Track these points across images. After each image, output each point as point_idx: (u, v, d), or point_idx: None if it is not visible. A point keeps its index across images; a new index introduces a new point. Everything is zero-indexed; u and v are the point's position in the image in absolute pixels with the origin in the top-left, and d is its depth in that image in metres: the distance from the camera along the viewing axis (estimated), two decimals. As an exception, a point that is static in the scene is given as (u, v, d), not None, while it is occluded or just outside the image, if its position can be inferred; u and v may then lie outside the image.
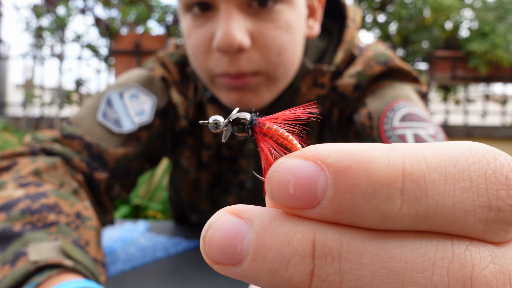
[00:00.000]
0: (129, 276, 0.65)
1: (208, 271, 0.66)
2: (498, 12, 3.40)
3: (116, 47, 3.73)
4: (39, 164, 0.57)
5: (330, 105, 0.67)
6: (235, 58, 0.59)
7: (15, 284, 0.39)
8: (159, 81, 0.72)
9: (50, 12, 3.83)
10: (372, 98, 0.64)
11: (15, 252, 0.42)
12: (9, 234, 0.44)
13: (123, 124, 0.66)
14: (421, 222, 0.14)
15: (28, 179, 0.54)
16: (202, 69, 0.64)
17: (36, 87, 3.85)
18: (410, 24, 3.60)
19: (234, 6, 0.56)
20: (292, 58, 0.62)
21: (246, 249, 0.15)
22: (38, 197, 0.50)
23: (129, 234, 0.85)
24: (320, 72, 0.65)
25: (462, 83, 3.72)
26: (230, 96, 0.63)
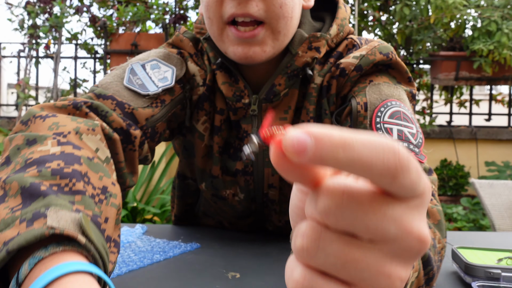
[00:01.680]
0: (127, 279, 0.64)
1: (206, 275, 0.66)
2: (504, 11, 3.33)
3: (112, 47, 3.66)
4: (81, 125, 0.60)
5: (330, 79, 0.76)
6: (243, 3, 0.68)
7: (26, 244, 0.40)
8: (176, 55, 0.80)
9: (44, 11, 3.75)
10: (370, 90, 0.72)
11: (35, 212, 0.43)
12: (35, 191, 0.46)
13: (148, 88, 0.73)
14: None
15: (68, 138, 0.57)
16: (214, 19, 0.72)
17: (30, 88, 3.76)
18: (413, 23, 3.53)
19: None
20: (291, 13, 0.71)
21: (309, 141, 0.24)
22: (72, 162, 0.52)
23: (126, 237, 0.84)
24: (315, 37, 0.76)
25: (466, 84, 3.66)
26: (237, 49, 0.71)
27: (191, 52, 0.82)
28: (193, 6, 3.84)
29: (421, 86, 4.02)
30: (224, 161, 0.84)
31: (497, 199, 1.72)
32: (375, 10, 3.71)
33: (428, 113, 3.81)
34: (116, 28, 3.69)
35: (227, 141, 0.83)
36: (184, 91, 0.79)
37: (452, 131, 3.73)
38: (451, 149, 3.78)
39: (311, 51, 0.76)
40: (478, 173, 3.72)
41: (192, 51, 0.82)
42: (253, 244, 0.85)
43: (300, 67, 0.76)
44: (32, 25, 3.74)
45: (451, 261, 0.71)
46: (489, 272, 0.61)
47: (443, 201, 3.56)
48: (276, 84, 0.76)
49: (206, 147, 0.83)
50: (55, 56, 3.79)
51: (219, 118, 0.81)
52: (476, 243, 0.92)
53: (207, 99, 0.80)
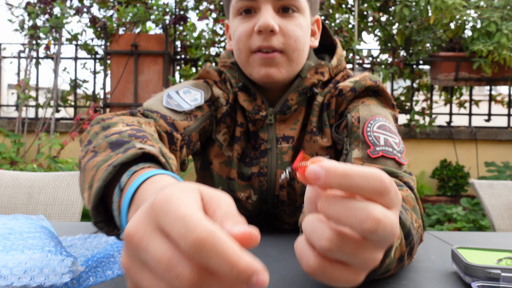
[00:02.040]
0: (122, 278, 0.63)
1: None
2: (503, 11, 3.33)
3: (112, 47, 3.66)
4: (140, 119, 0.80)
5: (330, 98, 0.95)
6: (268, 37, 0.88)
7: (127, 160, 0.55)
8: (202, 83, 1.00)
9: (45, 12, 3.75)
10: (362, 108, 0.89)
11: (126, 147, 0.59)
12: (121, 142, 0.63)
13: (183, 106, 0.92)
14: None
15: (132, 124, 0.75)
16: (243, 49, 0.92)
17: (30, 88, 3.75)
18: (413, 24, 3.53)
19: (270, 8, 0.89)
20: (302, 47, 0.92)
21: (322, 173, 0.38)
22: (140, 131, 0.69)
23: None
24: (320, 65, 0.97)
25: (466, 85, 3.66)
26: (261, 70, 0.90)
27: (216, 80, 1.00)
28: (193, 7, 3.84)
29: (421, 86, 4.02)
30: (240, 168, 0.98)
31: (497, 200, 1.72)
32: (375, 11, 3.71)
33: (428, 113, 3.81)
34: (116, 29, 3.69)
35: (244, 151, 0.99)
36: (211, 109, 0.97)
37: (452, 131, 3.73)
38: (450, 149, 3.78)
39: (317, 75, 0.96)
40: (477, 174, 3.72)
41: (217, 79, 1.01)
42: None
43: (309, 87, 0.95)
44: (32, 26, 3.74)
45: (451, 262, 0.71)
46: (488, 273, 0.61)
47: (443, 202, 3.56)
48: (289, 99, 0.94)
49: (224, 155, 0.99)
50: (55, 56, 3.79)
51: (239, 130, 0.98)
52: (476, 244, 0.91)
53: (229, 115, 0.98)
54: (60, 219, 1.61)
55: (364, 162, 0.81)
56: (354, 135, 0.85)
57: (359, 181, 0.37)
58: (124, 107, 3.65)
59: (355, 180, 0.37)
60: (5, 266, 0.55)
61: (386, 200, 0.39)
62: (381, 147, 0.81)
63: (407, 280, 0.65)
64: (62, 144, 3.45)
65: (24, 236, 0.67)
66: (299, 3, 0.91)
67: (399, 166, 0.80)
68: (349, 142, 0.86)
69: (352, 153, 0.83)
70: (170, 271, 0.33)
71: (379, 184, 0.38)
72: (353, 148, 0.84)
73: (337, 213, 0.38)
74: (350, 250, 0.39)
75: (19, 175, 1.68)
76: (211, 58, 3.72)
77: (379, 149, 0.81)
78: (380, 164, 0.79)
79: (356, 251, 0.39)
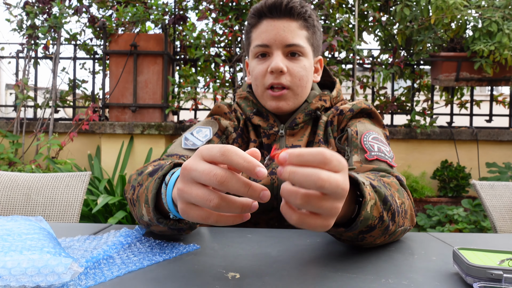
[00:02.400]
0: (126, 280, 0.64)
1: (206, 275, 0.66)
2: (504, 11, 3.33)
3: (111, 47, 3.65)
4: (160, 161, 1.00)
5: (332, 117, 1.19)
6: (278, 76, 1.12)
7: (166, 172, 0.76)
8: (211, 120, 1.24)
9: (43, 12, 3.74)
10: (359, 125, 1.14)
11: (161, 169, 0.78)
12: (155, 169, 0.82)
13: (197, 144, 1.15)
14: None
15: (157, 164, 0.93)
16: (259, 85, 1.16)
17: (29, 88, 3.75)
18: (414, 24, 3.53)
19: (280, 54, 1.13)
20: (305, 83, 1.16)
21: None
22: (163, 164, 0.85)
23: (125, 239, 0.85)
24: (323, 94, 1.22)
25: (467, 85, 3.65)
26: (272, 103, 1.15)
27: (225, 112, 1.25)
28: (192, 7, 3.83)
29: (422, 87, 4.02)
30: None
31: (499, 201, 1.71)
32: (375, 11, 3.71)
33: (429, 114, 3.80)
34: (115, 29, 3.68)
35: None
36: (221, 139, 1.21)
37: (453, 132, 3.72)
38: (451, 150, 3.77)
39: (320, 101, 1.20)
40: (479, 174, 3.71)
41: (227, 111, 1.25)
42: (253, 244, 0.85)
43: (313, 110, 1.18)
44: (31, 26, 3.73)
45: (452, 263, 0.70)
46: (490, 273, 0.60)
47: (443, 203, 3.54)
48: (297, 118, 1.17)
49: None
50: (54, 56, 3.79)
51: (252, 145, 1.19)
52: (477, 245, 0.91)
53: (240, 137, 1.20)
54: (59, 221, 1.60)
55: (362, 164, 1.04)
56: (354, 144, 1.10)
57: (308, 157, 0.55)
58: (124, 107, 3.64)
59: (306, 157, 0.55)
60: (4, 267, 0.56)
61: (331, 167, 0.56)
62: (376, 153, 1.05)
63: (408, 280, 0.65)
64: (60, 144, 3.45)
65: (22, 238, 0.68)
66: (303, 49, 1.14)
67: (391, 168, 1.03)
68: (350, 150, 1.09)
69: (352, 158, 1.07)
70: (210, 174, 0.57)
71: (321, 157, 0.55)
72: (353, 154, 1.07)
73: (297, 179, 0.55)
74: (314, 203, 0.56)
75: (18, 176, 1.67)
76: (210, 58, 3.71)
77: (374, 154, 1.05)
78: (375, 165, 1.03)
79: (319, 203, 0.56)
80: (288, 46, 1.13)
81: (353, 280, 0.65)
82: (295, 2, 1.14)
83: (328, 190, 0.55)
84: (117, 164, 3.51)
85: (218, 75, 3.88)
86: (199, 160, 0.59)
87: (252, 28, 1.18)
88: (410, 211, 0.91)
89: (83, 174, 1.68)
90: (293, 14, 1.13)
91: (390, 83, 3.96)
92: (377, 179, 0.82)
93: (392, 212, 0.78)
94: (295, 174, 0.55)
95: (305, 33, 1.15)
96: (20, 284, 0.55)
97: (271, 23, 1.14)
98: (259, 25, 1.16)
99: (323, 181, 0.54)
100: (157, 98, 3.64)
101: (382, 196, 0.75)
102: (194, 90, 3.62)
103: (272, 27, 1.13)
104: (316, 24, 1.19)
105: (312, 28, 1.17)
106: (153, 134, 3.57)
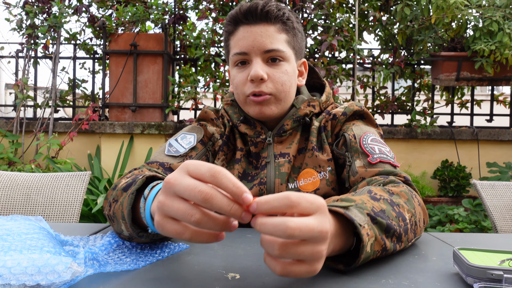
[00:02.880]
0: (126, 280, 0.64)
1: (206, 275, 0.66)
2: (505, 10, 3.32)
3: (111, 47, 3.65)
4: (134, 172, 1.00)
5: (325, 122, 1.15)
6: (258, 84, 1.08)
7: (138, 187, 0.76)
8: (197, 126, 1.21)
9: (43, 11, 3.74)
10: (354, 128, 1.12)
11: (134, 183, 0.78)
12: (129, 184, 0.81)
13: (180, 150, 1.13)
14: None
15: (130, 176, 0.93)
16: (240, 94, 1.12)
17: (28, 88, 3.74)
18: (414, 24, 3.52)
19: (259, 60, 1.08)
20: (288, 89, 1.11)
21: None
22: (137, 176, 0.86)
23: (113, 238, 0.85)
24: (312, 99, 1.18)
25: (467, 85, 3.65)
26: (255, 109, 1.10)
27: (212, 117, 1.22)
28: (192, 6, 3.83)
29: (422, 86, 4.01)
30: (243, 184, 1.07)
31: (499, 201, 1.71)
32: (375, 10, 3.70)
33: (429, 113, 3.80)
34: (115, 28, 3.68)
35: (245, 171, 1.16)
36: (206, 146, 1.18)
37: (454, 132, 3.72)
38: (452, 150, 3.77)
39: (309, 107, 1.16)
40: (479, 174, 3.71)
41: (213, 117, 1.22)
42: (253, 245, 0.85)
43: (302, 116, 1.14)
44: (30, 25, 3.73)
45: (452, 263, 0.70)
46: (491, 274, 0.60)
47: (444, 202, 3.54)
48: (285, 124, 1.14)
49: None
50: (53, 56, 3.78)
51: (239, 154, 1.16)
52: (478, 245, 0.90)
53: (226, 144, 1.17)
54: (59, 220, 1.60)
55: (367, 169, 1.01)
56: (354, 149, 1.06)
57: (274, 203, 0.55)
58: (123, 107, 3.64)
59: (272, 203, 0.55)
60: (4, 266, 0.56)
61: (300, 209, 0.55)
62: (378, 155, 1.03)
63: (408, 281, 0.65)
64: (60, 144, 3.44)
65: (22, 238, 0.68)
66: (283, 53, 1.10)
67: (394, 168, 1.02)
68: (350, 155, 1.06)
69: (354, 163, 1.04)
70: (195, 190, 0.56)
71: (287, 201, 0.55)
72: (354, 160, 1.04)
73: (269, 230, 0.55)
74: (293, 251, 0.55)
75: (17, 176, 1.67)
76: (210, 58, 3.71)
77: (376, 156, 1.02)
78: (379, 168, 1.00)
79: (299, 250, 0.55)
80: (267, 52, 1.08)
81: (353, 280, 0.65)
82: (271, 6, 1.09)
83: (300, 237, 0.54)
84: (117, 164, 3.51)
85: (218, 75, 3.88)
86: (184, 174, 0.59)
87: (230, 35, 1.14)
88: (423, 215, 0.89)
89: (83, 173, 1.68)
90: (269, 18, 1.09)
91: (390, 82, 3.95)
92: (385, 194, 0.80)
93: (397, 236, 0.75)
94: (265, 226, 0.55)
95: (285, 37, 1.11)
96: (20, 282, 0.55)
97: (248, 29, 1.09)
98: (236, 32, 1.11)
99: (291, 229, 0.53)
100: (157, 98, 3.64)
101: (384, 227, 0.72)
102: (194, 89, 3.62)
103: (249, 34, 1.09)
104: (296, 26, 1.14)
105: (292, 31, 1.12)
106: (153, 133, 3.57)
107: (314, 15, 3.55)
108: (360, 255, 0.66)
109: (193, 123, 1.26)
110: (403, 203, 0.81)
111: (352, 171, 1.04)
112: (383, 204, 0.76)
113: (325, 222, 0.57)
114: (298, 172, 1.12)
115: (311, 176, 1.11)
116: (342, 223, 0.67)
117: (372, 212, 0.71)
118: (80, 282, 0.62)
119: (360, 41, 3.66)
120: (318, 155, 1.10)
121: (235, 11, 1.11)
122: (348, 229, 0.68)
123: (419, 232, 0.86)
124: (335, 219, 0.65)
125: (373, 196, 0.77)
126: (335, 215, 0.66)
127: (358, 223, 0.66)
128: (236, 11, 1.11)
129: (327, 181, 1.09)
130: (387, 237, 0.73)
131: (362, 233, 0.65)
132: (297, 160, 1.14)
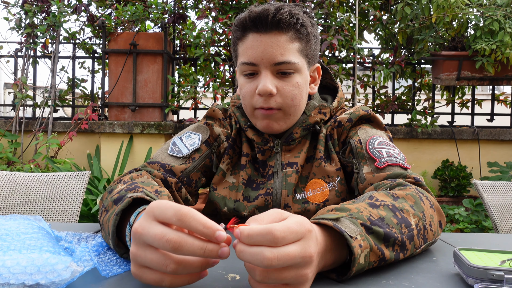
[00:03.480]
0: (125, 281, 0.64)
1: (205, 277, 0.65)
2: (506, 9, 3.31)
3: (111, 46, 3.65)
4: (133, 174, 1.00)
5: (331, 130, 1.11)
6: (267, 99, 1.03)
7: (123, 208, 0.73)
8: (203, 125, 1.18)
9: (42, 10, 3.73)
10: (360, 132, 1.08)
11: (123, 199, 0.76)
12: (120, 197, 0.80)
13: (183, 151, 1.10)
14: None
15: (127, 181, 0.93)
16: (248, 105, 1.07)
17: (28, 87, 3.74)
18: (415, 23, 3.51)
19: (269, 73, 1.02)
20: (299, 102, 1.05)
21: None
22: (132, 185, 0.86)
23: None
24: (323, 106, 1.12)
25: (468, 84, 3.64)
26: (263, 122, 1.06)
27: (220, 117, 1.18)
28: (192, 6, 3.83)
29: (423, 86, 4.01)
30: (247, 191, 1.11)
31: (500, 200, 1.70)
32: (376, 9, 3.69)
33: (430, 113, 3.79)
34: (115, 28, 3.67)
35: (250, 178, 1.13)
36: (211, 148, 1.14)
37: (454, 131, 3.71)
38: (453, 149, 3.76)
39: (320, 114, 1.11)
40: (480, 174, 3.70)
41: (221, 116, 1.18)
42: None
43: (312, 124, 1.09)
44: (29, 24, 3.72)
45: (453, 263, 0.69)
46: (491, 274, 0.60)
47: (445, 202, 3.54)
48: (294, 132, 1.09)
49: (228, 182, 1.14)
50: (52, 55, 3.78)
51: (245, 159, 1.13)
52: (479, 245, 0.90)
53: (231, 148, 1.14)
54: (58, 220, 1.60)
55: (375, 174, 0.98)
56: (360, 155, 1.03)
57: (257, 238, 0.54)
58: (123, 106, 3.63)
59: (255, 238, 0.54)
60: (3, 266, 0.56)
61: (285, 243, 0.55)
62: (385, 158, 0.99)
63: (409, 281, 0.64)
64: (59, 144, 3.44)
65: (21, 237, 0.68)
66: (295, 65, 1.02)
67: (405, 170, 0.98)
68: (357, 162, 1.03)
69: (362, 170, 1.01)
70: (162, 240, 0.54)
71: (270, 237, 0.53)
72: (362, 166, 1.01)
73: (247, 259, 0.54)
74: (275, 277, 0.55)
75: (16, 176, 1.67)
76: (210, 57, 3.70)
77: (384, 160, 0.98)
78: (387, 171, 0.96)
79: (281, 276, 0.55)
80: (277, 65, 1.00)
81: (353, 281, 0.65)
82: (283, 13, 0.99)
83: (280, 265, 0.53)
84: (117, 164, 3.50)
85: (218, 74, 3.87)
86: (150, 221, 0.56)
87: (238, 40, 1.06)
88: (437, 216, 0.84)
89: (83, 173, 1.67)
90: (281, 27, 1.00)
91: (391, 82, 3.94)
92: (387, 199, 0.76)
93: (399, 244, 0.71)
94: (244, 254, 0.54)
95: (297, 45, 1.02)
96: (20, 281, 0.55)
97: (258, 38, 1.00)
98: (245, 39, 1.03)
99: (269, 260, 0.52)
100: (157, 97, 3.63)
101: (381, 236, 0.68)
102: (194, 89, 3.61)
103: (259, 43, 1.00)
104: (310, 31, 1.05)
105: (305, 38, 1.04)
106: (153, 133, 3.57)
107: (314, 14, 3.54)
108: (351, 268, 0.63)
109: (201, 120, 1.22)
110: (408, 207, 0.77)
111: (360, 178, 1.00)
112: (383, 210, 0.73)
113: (309, 247, 0.56)
114: (305, 182, 1.09)
115: (320, 186, 1.07)
116: (334, 236, 0.65)
117: (368, 221, 0.67)
118: (77, 281, 0.61)
119: (361, 41, 3.65)
120: (326, 166, 1.07)
121: (244, 17, 1.02)
122: (340, 241, 0.66)
123: (432, 237, 0.80)
124: (325, 233, 0.63)
125: (373, 203, 0.74)
126: (326, 228, 0.64)
127: (349, 235, 0.63)
128: (245, 17, 1.02)
129: (337, 191, 1.06)
130: (387, 246, 0.69)
131: (354, 245, 0.63)
132: (305, 169, 1.10)
